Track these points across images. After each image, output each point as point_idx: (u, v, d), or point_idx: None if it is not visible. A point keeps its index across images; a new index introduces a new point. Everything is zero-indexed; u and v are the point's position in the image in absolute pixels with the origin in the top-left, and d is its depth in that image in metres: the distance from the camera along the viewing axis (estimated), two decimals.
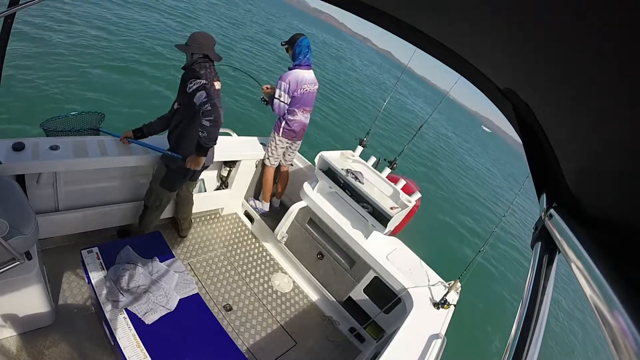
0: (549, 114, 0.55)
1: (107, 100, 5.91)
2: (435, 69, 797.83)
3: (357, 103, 16.25)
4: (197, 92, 1.99)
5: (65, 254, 2.27)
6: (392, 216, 2.31)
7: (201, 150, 2.11)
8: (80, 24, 7.97)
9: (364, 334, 2.68)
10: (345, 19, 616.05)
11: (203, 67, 2.10)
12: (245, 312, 2.59)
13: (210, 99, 1.97)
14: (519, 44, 0.49)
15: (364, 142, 2.95)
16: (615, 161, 0.40)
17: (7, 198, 1.58)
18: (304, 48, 2.66)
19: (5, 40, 1.47)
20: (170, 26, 11.70)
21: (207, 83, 2.02)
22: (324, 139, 9.45)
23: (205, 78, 2.03)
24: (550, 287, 0.46)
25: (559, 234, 0.46)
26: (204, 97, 1.97)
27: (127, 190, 2.57)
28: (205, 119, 1.97)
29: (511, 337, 0.43)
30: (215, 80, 2.17)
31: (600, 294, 0.31)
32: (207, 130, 1.99)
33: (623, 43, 0.31)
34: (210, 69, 2.14)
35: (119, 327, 1.72)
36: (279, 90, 2.67)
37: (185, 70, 2.12)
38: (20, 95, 4.87)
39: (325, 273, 2.79)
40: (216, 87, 2.17)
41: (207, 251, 2.94)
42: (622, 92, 0.34)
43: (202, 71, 2.06)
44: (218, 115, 1.97)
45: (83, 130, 2.33)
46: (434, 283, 2.47)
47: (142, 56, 8.23)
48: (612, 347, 0.28)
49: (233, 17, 19.60)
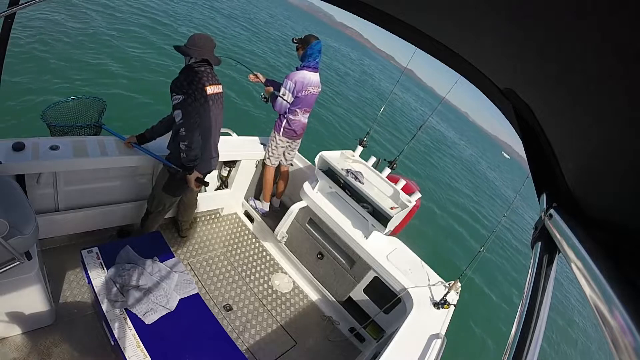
0: (548, 114, 0.55)
1: (109, 94, 5.91)
2: (439, 75, 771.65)
3: (361, 105, 16.27)
4: (174, 109, 1.99)
5: (65, 254, 2.27)
6: (392, 216, 2.31)
7: (186, 169, 2.15)
8: (85, 19, 7.97)
9: (363, 334, 2.68)
10: (370, 35, 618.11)
11: (197, 71, 2.05)
12: (245, 312, 2.59)
13: (187, 120, 1.98)
14: (518, 43, 0.49)
15: (364, 142, 2.95)
16: (615, 161, 0.40)
17: (7, 198, 1.58)
18: (315, 52, 2.65)
19: (5, 40, 1.47)
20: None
21: (189, 97, 1.97)
22: (324, 139, 9.46)
23: (196, 84, 2.00)
24: (550, 287, 0.46)
25: (559, 234, 0.46)
26: (179, 117, 1.98)
27: (127, 190, 2.57)
28: (181, 143, 2.03)
29: (511, 337, 0.43)
30: (212, 84, 2.12)
31: (600, 294, 0.31)
32: (184, 152, 2.05)
33: (623, 43, 0.31)
34: (206, 72, 2.10)
35: (119, 327, 1.72)
36: (284, 88, 2.67)
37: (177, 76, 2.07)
38: (21, 94, 4.87)
39: (325, 273, 2.79)
40: (213, 90, 2.13)
41: (207, 251, 2.94)
42: (622, 91, 0.34)
43: (195, 77, 2.01)
44: (192, 141, 2.02)
45: (85, 127, 2.34)
46: (434, 283, 2.47)
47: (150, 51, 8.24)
48: (612, 347, 0.28)
49: (268, 31, 20.27)
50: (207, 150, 2.25)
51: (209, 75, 2.12)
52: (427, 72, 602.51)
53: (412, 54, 1.82)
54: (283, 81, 2.69)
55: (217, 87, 2.17)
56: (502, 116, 0.70)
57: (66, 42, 6.84)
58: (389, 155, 3.02)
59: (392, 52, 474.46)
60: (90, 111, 2.39)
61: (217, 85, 2.18)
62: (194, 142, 2.04)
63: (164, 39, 9.64)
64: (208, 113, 2.13)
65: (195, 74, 2.05)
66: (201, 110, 2.07)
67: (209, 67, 2.13)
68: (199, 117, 2.06)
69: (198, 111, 2.05)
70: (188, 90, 1.99)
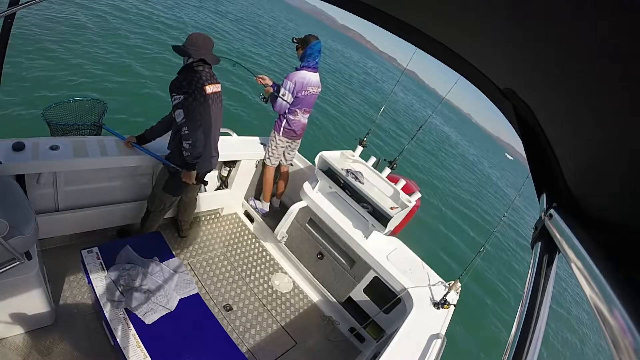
0: (549, 114, 0.55)
1: (111, 89, 5.92)
2: (440, 74, 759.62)
3: (361, 105, 16.26)
4: (175, 109, 2.00)
5: (65, 254, 2.27)
6: (392, 216, 2.31)
7: (188, 166, 2.16)
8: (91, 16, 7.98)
9: (364, 334, 2.68)
10: (372, 37, 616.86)
11: (196, 71, 2.05)
12: (245, 312, 2.59)
13: (189, 119, 1.99)
14: (519, 43, 0.49)
15: (364, 142, 2.95)
16: (615, 161, 0.40)
17: (7, 198, 1.58)
18: (314, 52, 2.65)
19: (5, 40, 1.47)
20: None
21: (189, 96, 1.98)
22: (324, 139, 9.46)
23: (195, 84, 2.00)
24: (550, 287, 0.46)
25: (559, 234, 0.46)
26: (181, 117, 2.00)
27: (127, 190, 2.57)
28: (184, 142, 2.05)
29: (511, 337, 0.43)
30: (211, 83, 2.11)
31: (600, 294, 0.31)
32: (188, 151, 2.07)
33: (623, 43, 0.31)
34: (205, 72, 2.09)
35: (119, 327, 1.72)
36: (284, 89, 2.67)
37: (176, 76, 2.06)
38: (20, 94, 4.87)
39: (325, 273, 2.79)
40: (212, 90, 2.13)
41: (207, 251, 2.94)
42: (622, 92, 0.34)
43: (194, 77, 2.01)
44: (195, 140, 2.04)
45: (85, 126, 2.34)
46: (434, 283, 2.47)
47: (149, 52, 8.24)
48: (612, 346, 0.28)
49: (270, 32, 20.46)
50: (207, 149, 2.25)
51: (207, 74, 2.11)
52: (429, 74, 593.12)
53: (410, 53, 1.82)
54: (282, 82, 2.69)
55: (215, 86, 2.17)
56: (505, 117, 0.70)
57: (67, 42, 6.84)
58: (389, 155, 3.03)
59: (394, 54, 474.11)
60: (91, 112, 2.39)
61: (216, 84, 2.18)
62: (198, 141, 2.06)
63: (172, 40, 9.65)
64: (208, 112, 2.13)
65: (194, 74, 2.05)
66: (201, 110, 2.07)
67: (207, 67, 2.13)
68: (200, 116, 2.07)
69: (199, 110, 2.05)
70: (188, 89, 1.99)
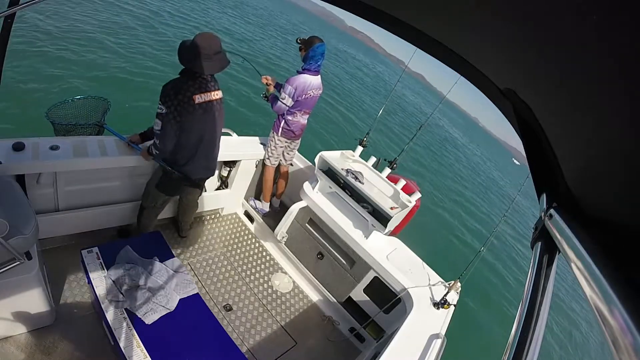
0: (549, 114, 0.55)
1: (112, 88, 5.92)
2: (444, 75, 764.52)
3: (361, 105, 16.27)
4: (156, 117, 2.00)
5: (65, 254, 2.27)
6: (392, 216, 2.31)
7: (151, 151, 2.17)
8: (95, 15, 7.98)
9: (364, 334, 2.68)
10: (380, 40, 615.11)
11: (188, 79, 1.98)
12: (245, 312, 2.59)
13: (163, 132, 2.01)
14: (519, 44, 0.49)
15: (364, 142, 2.95)
16: (615, 161, 0.40)
17: (7, 198, 1.58)
18: (317, 54, 2.63)
19: (5, 40, 1.48)
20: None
21: (170, 113, 1.95)
22: (324, 139, 9.45)
23: (184, 94, 1.95)
24: (550, 287, 0.46)
25: (559, 234, 0.46)
26: (158, 127, 2.01)
27: (127, 190, 2.57)
28: (154, 148, 2.10)
29: (511, 337, 0.43)
30: (204, 91, 2.03)
31: (600, 294, 0.31)
32: (154, 148, 2.12)
33: (623, 43, 0.31)
34: (199, 80, 2.01)
35: (119, 327, 1.72)
36: (284, 93, 2.66)
37: (174, 78, 2.02)
38: (21, 94, 4.87)
39: (325, 273, 2.79)
40: (204, 99, 2.04)
41: (207, 251, 2.94)
42: (622, 92, 0.34)
43: (183, 86, 1.95)
44: (162, 150, 2.08)
45: (87, 126, 2.34)
46: (434, 283, 2.47)
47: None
48: (612, 346, 0.28)
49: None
50: (196, 159, 2.22)
51: (201, 82, 2.02)
52: (436, 76, 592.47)
53: (412, 53, 1.82)
54: (284, 85, 2.69)
55: (209, 94, 2.06)
56: (505, 117, 0.70)
57: (69, 41, 6.84)
58: (389, 155, 3.02)
59: (402, 56, 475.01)
60: (94, 111, 2.40)
61: (211, 92, 2.07)
62: (163, 151, 2.10)
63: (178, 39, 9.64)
64: (195, 124, 2.07)
65: (187, 81, 1.98)
66: (186, 124, 2.02)
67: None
68: (180, 131, 2.04)
69: (181, 126, 2.02)
70: (174, 101, 1.93)
